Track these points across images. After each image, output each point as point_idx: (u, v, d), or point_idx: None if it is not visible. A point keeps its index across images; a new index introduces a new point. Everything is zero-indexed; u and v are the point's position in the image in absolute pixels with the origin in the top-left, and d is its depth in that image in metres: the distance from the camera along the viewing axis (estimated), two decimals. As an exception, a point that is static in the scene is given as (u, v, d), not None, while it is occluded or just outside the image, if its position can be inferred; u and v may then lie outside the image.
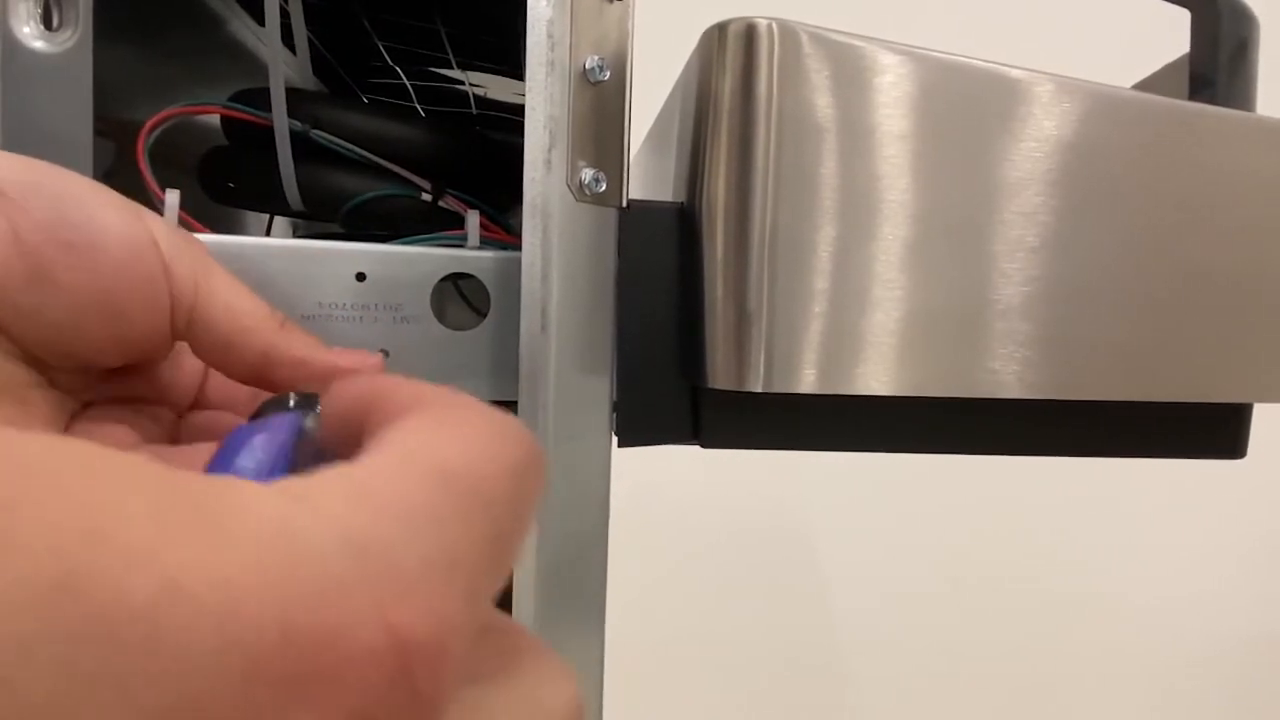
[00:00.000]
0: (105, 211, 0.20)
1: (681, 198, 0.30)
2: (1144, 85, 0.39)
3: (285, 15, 0.36)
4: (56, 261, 0.19)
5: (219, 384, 0.25)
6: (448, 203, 0.34)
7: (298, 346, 0.23)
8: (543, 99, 0.27)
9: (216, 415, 0.25)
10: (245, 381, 0.23)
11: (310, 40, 0.40)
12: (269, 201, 0.36)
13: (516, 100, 0.47)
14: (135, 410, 0.23)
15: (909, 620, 1.10)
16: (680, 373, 0.30)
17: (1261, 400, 0.33)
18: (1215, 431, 0.34)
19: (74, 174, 0.21)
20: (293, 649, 0.09)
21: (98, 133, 0.27)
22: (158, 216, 0.22)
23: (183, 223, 0.28)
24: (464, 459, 0.13)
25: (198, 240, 0.23)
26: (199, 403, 0.25)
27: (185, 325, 0.22)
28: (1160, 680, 1.14)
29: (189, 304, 0.22)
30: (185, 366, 0.25)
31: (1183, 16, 0.35)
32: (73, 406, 0.22)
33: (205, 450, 0.22)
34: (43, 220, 0.19)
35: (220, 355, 0.23)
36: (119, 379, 0.23)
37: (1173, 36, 0.36)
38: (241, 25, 0.42)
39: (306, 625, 0.09)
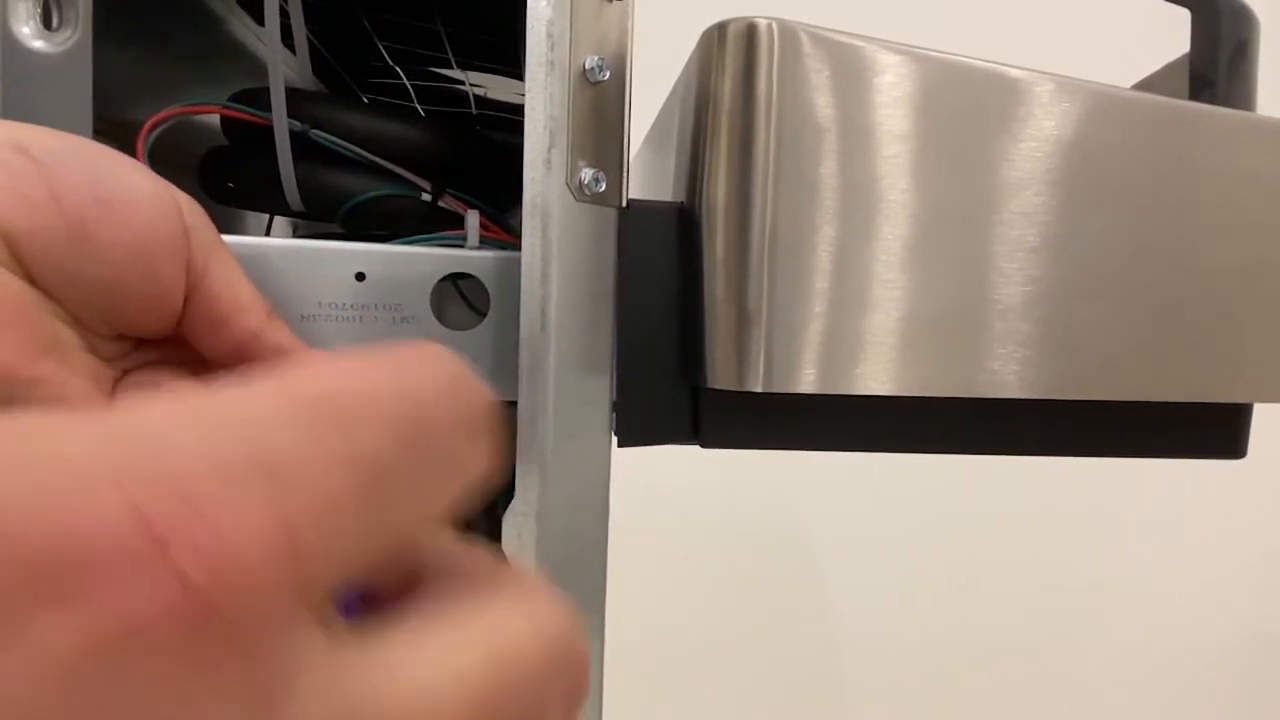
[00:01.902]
0: (134, 174, 0.21)
1: (681, 198, 0.30)
2: (1144, 85, 0.39)
3: (285, 15, 0.36)
4: (94, 220, 0.20)
5: None
6: (447, 203, 0.34)
7: (283, 336, 0.24)
8: (542, 99, 0.27)
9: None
10: (222, 363, 0.24)
11: (310, 40, 0.40)
12: (269, 201, 0.36)
13: (516, 100, 0.47)
14: (173, 375, 0.24)
15: (909, 621, 1.10)
16: (680, 373, 0.30)
17: (1261, 400, 0.33)
18: (1215, 431, 0.34)
19: (100, 144, 0.21)
20: (21, 548, 0.09)
21: (98, 133, 0.27)
22: (176, 187, 0.23)
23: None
24: (334, 379, 0.11)
25: (208, 217, 0.24)
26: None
27: (189, 293, 0.23)
28: (1162, 681, 1.14)
29: (199, 272, 0.22)
30: None
31: (1183, 16, 0.35)
32: (115, 373, 0.23)
33: None
34: (79, 183, 0.20)
35: (210, 330, 0.23)
36: (154, 349, 0.24)
37: (1173, 36, 0.36)
38: (241, 25, 0.42)
39: (36, 520, 0.09)
